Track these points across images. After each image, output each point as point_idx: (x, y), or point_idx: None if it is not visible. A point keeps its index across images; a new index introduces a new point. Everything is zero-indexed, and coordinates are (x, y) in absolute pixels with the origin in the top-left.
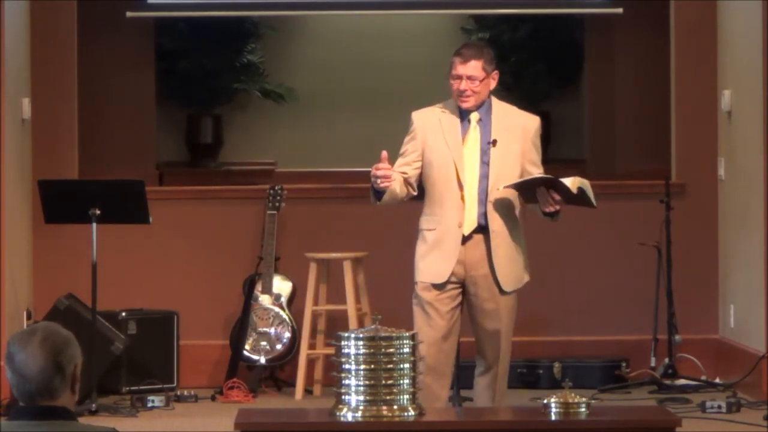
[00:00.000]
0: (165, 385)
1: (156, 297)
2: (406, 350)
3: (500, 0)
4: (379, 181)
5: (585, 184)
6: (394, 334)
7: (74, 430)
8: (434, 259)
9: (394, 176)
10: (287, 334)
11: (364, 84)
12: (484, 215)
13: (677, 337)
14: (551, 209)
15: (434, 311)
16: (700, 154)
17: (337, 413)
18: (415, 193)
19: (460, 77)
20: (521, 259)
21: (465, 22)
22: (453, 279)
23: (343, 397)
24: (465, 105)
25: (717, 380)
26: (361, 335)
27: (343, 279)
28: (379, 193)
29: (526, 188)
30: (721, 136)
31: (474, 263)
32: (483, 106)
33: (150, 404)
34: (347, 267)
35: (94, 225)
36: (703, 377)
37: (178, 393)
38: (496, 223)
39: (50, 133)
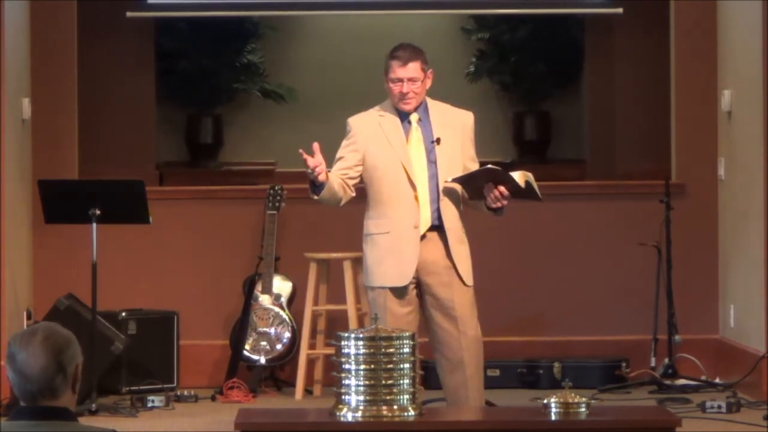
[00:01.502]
0: (165, 385)
1: (156, 297)
2: (406, 350)
3: (500, 0)
4: (315, 172)
5: (531, 177)
6: (394, 334)
7: (74, 430)
8: (393, 263)
9: (322, 167)
10: (287, 334)
11: (364, 84)
12: (437, 213)
13: (677, 337)
14: (499, 205)
15: (391, 317)
16: (700, 154)
17: (337, 413)
18: (354, 195)
19: (400, 80)
20: (469, 255)
21: (465, 22)
22: (411, 282)
23: (343, 397)
24: (408, 107)
25: (717, 380)
26: (361, 335)
27: (343, 279)
28: (317, 188)
29: (473, 183)
30: (721, 136)
31: (430, 263)
32: (421, 106)
33: (150, 404)
34: (347, 267)
35: (94, 225)
36: (703, 377)
37: (178, 393)
38: (449, 220)
39: (50, 133)
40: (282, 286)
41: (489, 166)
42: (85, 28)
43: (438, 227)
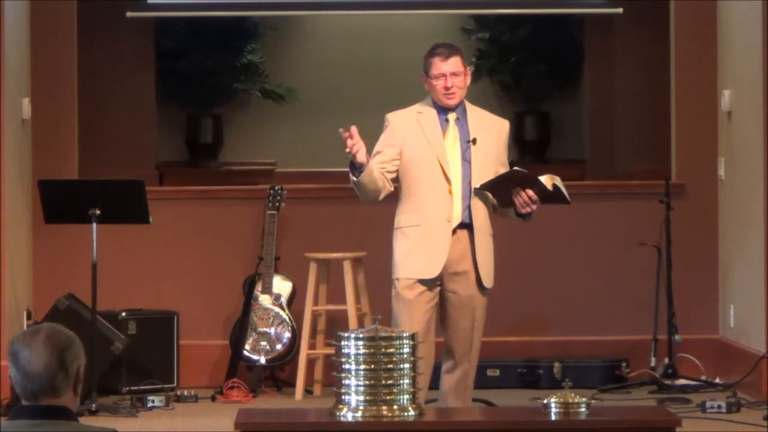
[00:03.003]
0: (165, 385)
1: (156, 297)
2: (406, 350)
3: (500, 0)
4: (352, 151)
5: (559, 180)
6: (394, 334)
7: (75, 430)
8: (422, 255)
9: (360, 146)
10: (287, 334)
11: (364, 84)
12: (468, 210)
13: (677, 337)
14: (528, 210)
15: (416, 310)
16: (700, 154)
17: (337, 413)
18: (392, 189)
19: (444, 75)
20: (493, 259)
21: (465, 22)
22: (437, 278)
23: (343, 397)
24: (453, 102)
25: (717, 380)
26: (361, 335)
27: (343, 279)
28: (356, 170)
29: (501, 189)
30: (721, 136)
31: (455, 260)
32: (460, 106)
33: (150, 404)
34: (347, 267)
35: (94, 225)
36: (703, 377)
37: (178, 393)
38: (478, 219)
39: (50, 133)
40: (282, 286)
41: (515, 168)
42: (85, 28)
43: (467, 225)
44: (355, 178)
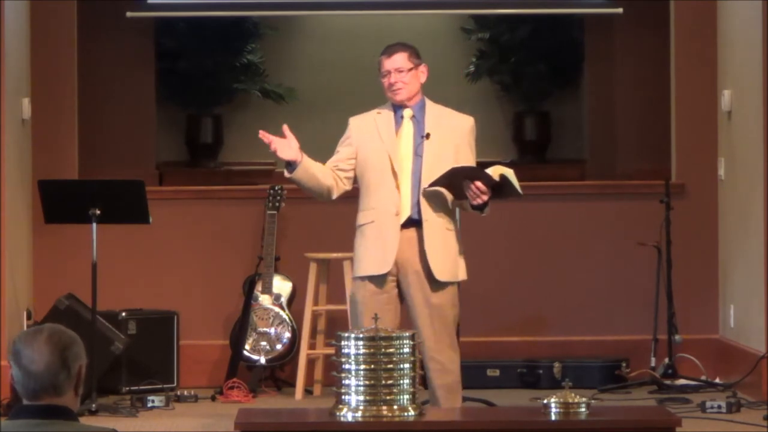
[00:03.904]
0: (165, 385)
1: (156, 297)
2: (406, 350)
3: (500, 0)
4: (270, 147)
5: (508, 172)
6: (394, 334)
7: (75, 430)
8: (375, 251)
9: (279, 144)
10: (287, 334)
11: (364, 84)
12: (417, 206)
13: (677, 337)
14: (479, 201)
15: (368, 310)
16: (700, 154)
17: (337, 413)
18: (349, 189)
19: (388, 72)
20: (455, 253)
21: (465, 22)
22: (390, 274)
23: (343, 397)
24: (398, 97)
25: (717, 380)
26: (361, 335)
27: (343, 279)
28: (290, 167)
29: (451, 186)
30: (721, 136)
31: (406, 260)
32: (417, 104)
33: (150, 404)
34: (347, 267)
35: (94, 225)
36: (703, 377)
37: (178, 393)
38: (428, 213)
39: (50, 133)
40: (282, 286)
41: (455, 166)
42: (85, 28)
43: (417, 222)
44: (288, 174)
